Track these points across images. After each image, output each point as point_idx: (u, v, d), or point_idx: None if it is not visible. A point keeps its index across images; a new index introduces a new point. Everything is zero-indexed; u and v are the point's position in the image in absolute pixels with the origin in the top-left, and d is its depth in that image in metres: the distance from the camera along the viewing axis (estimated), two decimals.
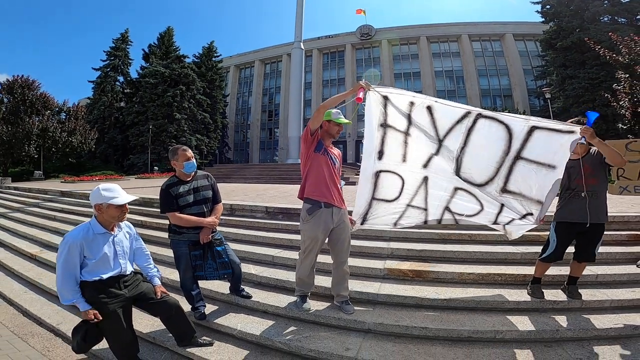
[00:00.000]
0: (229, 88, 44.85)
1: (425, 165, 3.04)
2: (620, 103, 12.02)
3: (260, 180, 17.38)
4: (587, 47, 13.04)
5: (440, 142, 2.94)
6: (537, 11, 27.18)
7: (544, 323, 2.59)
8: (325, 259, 3.24)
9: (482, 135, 2.84)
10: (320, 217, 2.71)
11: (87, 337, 2.15)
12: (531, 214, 2.90)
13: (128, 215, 2.44)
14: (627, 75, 11.72)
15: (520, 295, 2.94)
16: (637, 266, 3.38)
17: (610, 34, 12.76)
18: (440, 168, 3.01)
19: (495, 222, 3.11)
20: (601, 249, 3.64)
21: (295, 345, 2.45)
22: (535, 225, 2.98)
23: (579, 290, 2.86)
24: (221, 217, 5.26)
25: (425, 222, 3.21)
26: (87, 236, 2.17)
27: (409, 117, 2.92)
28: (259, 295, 3.17)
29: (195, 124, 32.46)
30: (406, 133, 2.97)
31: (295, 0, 9.24)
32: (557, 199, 2.94)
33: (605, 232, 2.85)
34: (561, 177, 2.71)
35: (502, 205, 2.97)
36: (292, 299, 3.02)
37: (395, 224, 3.24)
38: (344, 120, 2.85)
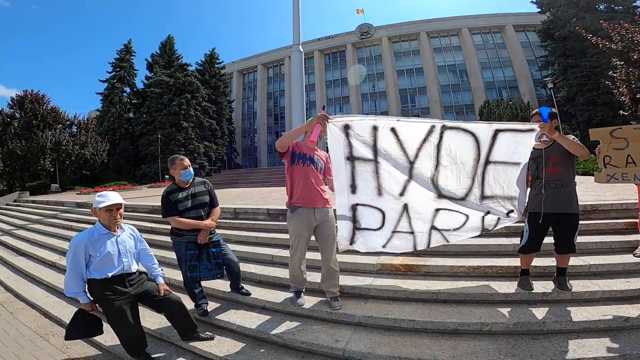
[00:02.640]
0: (233, 94, 45.31)
1: (402, 194, 3.01)
2: (620, 90, 11.94)
3: (267, 184, 17.63)
4: (585, 36, 12.92)
5: (411, 164, 2.94)
6: (532, 1, 26.81)
7: (532, 315, 2.59)
8: (318, 256, 3.36)
9: (452, 146, 2.90)
10: (302, 214, 2.89)
11: (75, 324, 2.42)
12: (512, 211, 2.99)
13: (139, 222, 2.71)
14: (622, 62, 11.65)
15: (510, 287, 2.93)
16: (634, 255, 3.26)
17: (601, 22, 12.64)
18: (418, 193, 3.00)
19: (483, 229, 3.17)
20: (596, 238, 3.65)
21: (288, 337, 2.62)
22: (519, 219, 3.06)
23: (571, 282, 2.85)
24: (225, 221, 5.55)
25: (415, 248, 3.19)
26: (91, 237, 2.43)
27: (374, 145, 2.89)
28: (258, 293, 3.34)
29: (202, 131, 32.92)
30: (375, 161, 2.93)
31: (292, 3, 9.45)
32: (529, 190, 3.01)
33: (602, 221, 2.76)
34: (525, 168, 2.82)
35: (487, 212, 3.04)
36: (289, 295, 3.18)
37: (384, 247, 3.22)
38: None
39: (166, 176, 27.37)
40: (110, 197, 2.47)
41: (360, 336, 2.59)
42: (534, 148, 2.86)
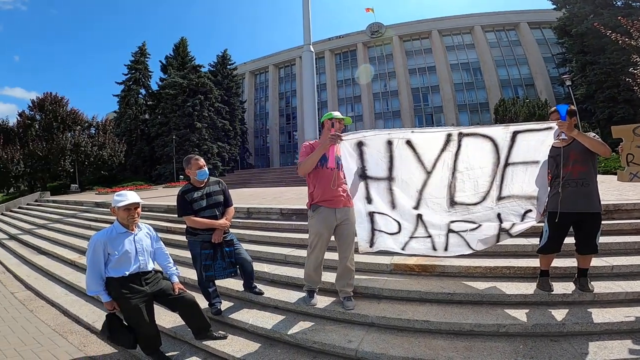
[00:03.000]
0: (245, 94, 45.75)
1: (416, 207, 3.05)
2: None
3: (280, 184, 17.72)
4: (604, 33, 12.48)
5: (429, 174, 2.95)
6: None
7: (551, 317, 2.53)
8: (334, 256, 3.36)
9: (470, 153, 2.89)
10: (322, 213, 2.89)
11: (110, 327, 2.46)
12: (530, 211, 2.93)
13: (155, 222, 2.76)
14: None
15: (529, 288, 2.87)
16: None
17: (619, 18, 12.17)
18: (431, 208, 3.03)
19: (499, 235, 3.11)
20: (619, 239, 3.56)
21: (301, 337, 2.62)
22: (537, 221, 2.99)
23: (592, 283, 2.78)
24: (239, 220, 5.60)
25: (434, 248, 3.20)
26: (110, 235, 2.48)
27: (390, 161, 2.90)
28: (271, 292, 3.35)
29: (215, 132, 33.35)
30: (389, 179, 2.95)
31: (302, 3, 9.43)
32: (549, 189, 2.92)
33: (625, 220, 2.68)
34: (545, 166, 2.77)
35: (499, 214, 3.00)
36: (302, 294, 3.18)
37: (402, 249, 3.28)
38: (338, 115, 2.93)
39: (181, 176, 27.88)
40: (129, 196, 2.52)
41: (373, 337, 2.57)
42: (553, 146, 2.80)
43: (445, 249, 3.19)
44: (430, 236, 3.16)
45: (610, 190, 5.96)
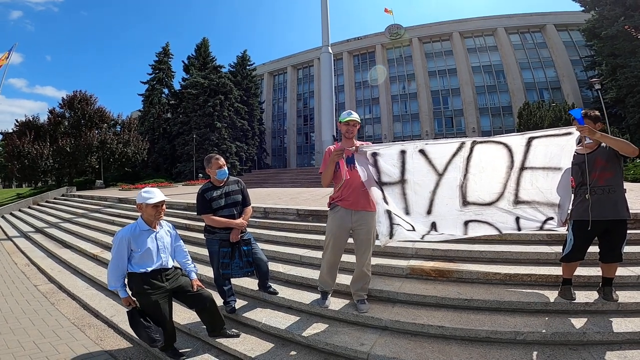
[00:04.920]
0: (264, 95, 46.26)
1: (429, 212, 3.02)
2: None
3: (296, 184, 17.79)
4: (636, 35, 11.86)
5: (440, 176, 2.94)
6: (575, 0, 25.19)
7: (571, 325, 2.47)
8: (351, 258, 3.35)
9: (482, 157, 2.87)
10: (338, 213, 2.91)
11: (133, 322, 2.50)
12: (552, 218, 2.86)
13: (174, 219, 2.82)
14: None
15: (549, 296, 2.82)
16: None
17: None
18: (445, 209, 2.99)
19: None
20: None
21: (313, 339, 2.62)
22: (559, 229, 2.92)
23: (617, 292, 2.70)
24: (256, 220, 5.68)
25: (455, 235, 3.14)
26: (134, 232, 2.54)
27: (403, 165, 2.93)
28: (285, 292, 3.37)
29: (234, 132, 33.90)
30: (402, 181, 2.95)
31: (320, 5, 9.47)
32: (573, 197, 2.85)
33: None
34: (569, 173, 2.69)
35: (518, 218, 2.94)
36: (317, 296, 3.19)
37: (422, 239, 3.21)
38: (344, 118, 2.94)
39: (200, 174, 28.47)
40: (156, 193, 2.57)
41: (386, 340, 2.55)
42: (577, 153, 2.72)
43: (466, 233, 3.10)
44: (443, 234, 3.14)
45: (639, 198, 5.68)
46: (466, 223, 3.02)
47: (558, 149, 2.73)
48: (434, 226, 3.05)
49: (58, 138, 25.38)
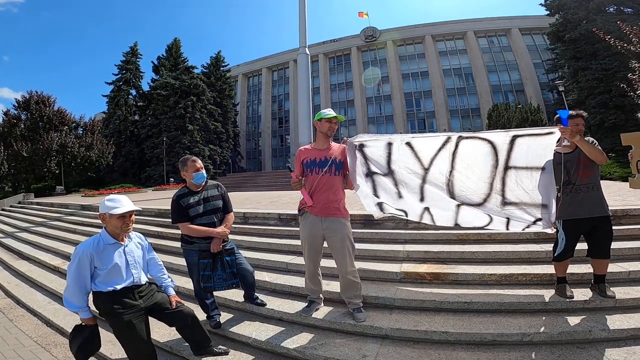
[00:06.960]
0: (238, 97, 45.37)
1: (422, 200, 3.07)
2: (638, 92, 11.67)
3: (273, 188, 17.47)
4: (596, 38, 12.63)
5: (426, 170, 2.99)
6: (541, 4, 26.64)
7: (575, 324, 2.45)
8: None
9: (468, 155, 2.91)
10: (307, 219, 2.79)
11: (80, 345, 2.15)
12: (540, 219, 2.86)
13: (145, 226, 2.47)
14: None
15: (547, 295, 2.80)
16: None
17: (619, 22, 12.37)
18: (437, 196, 3.02)
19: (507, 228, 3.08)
20: (632, 244, 3.51)
21: (310, 353, 2.40)
22: (548, 230, 2.91)
23: (612, 288, 2.73)
24: (235, 226, 5.33)
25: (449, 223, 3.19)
26: (97, 247, 2.16)
27: (389, 156, 2.99)
28: (273, 303, 3.13)
29: (207, 134, 32.94)
30: (390, 173, 3.02)
31: (298, 6, 9.28)
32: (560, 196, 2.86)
33: (635, 226, 2.70)
34: (552, 175, 2.72)
35: (508, 218, 2.96)
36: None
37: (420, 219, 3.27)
38: (332, 114, 2.82)
39: (171, 179, 27.38)
40: (123, 202, 2.20)
41: (388, 349, 2.39)
42: (559, 152, 2.75)
43: (456, 220, 3.14)
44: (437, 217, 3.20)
45: (612, 195, 5.96)
46: (458, 206, 3.02)
47: (540, 148, 2.75)
48: (428, 210, 3.12)
49: (13, 142, 23.60)
